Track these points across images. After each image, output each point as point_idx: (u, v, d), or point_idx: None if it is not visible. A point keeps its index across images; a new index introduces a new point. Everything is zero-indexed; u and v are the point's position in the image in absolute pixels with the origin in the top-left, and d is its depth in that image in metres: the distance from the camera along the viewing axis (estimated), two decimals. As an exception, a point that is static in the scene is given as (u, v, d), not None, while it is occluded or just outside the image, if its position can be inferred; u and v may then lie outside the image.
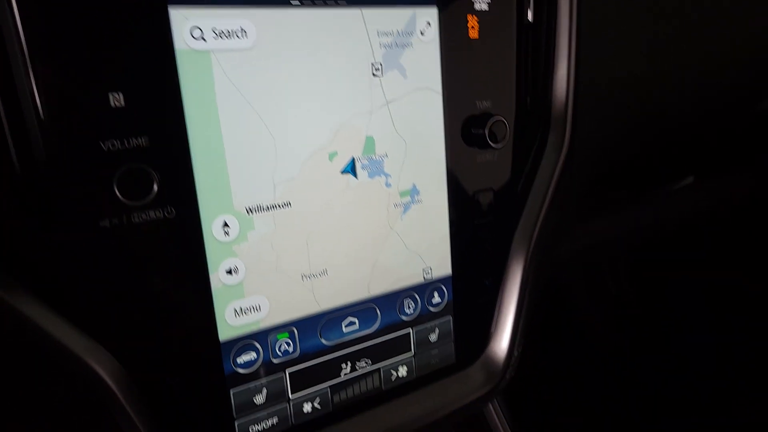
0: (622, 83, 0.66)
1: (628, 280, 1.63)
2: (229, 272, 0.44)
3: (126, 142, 0.38)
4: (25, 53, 0.35)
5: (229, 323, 0.45)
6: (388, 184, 0.51)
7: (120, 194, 0.38)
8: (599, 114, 0.67)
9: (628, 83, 0.66)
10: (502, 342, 0.60)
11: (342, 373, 0.52)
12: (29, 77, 0.35)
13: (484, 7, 0.53)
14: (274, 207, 0.45)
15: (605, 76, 0.64)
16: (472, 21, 0.53)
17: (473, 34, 0.53)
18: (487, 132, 0.54)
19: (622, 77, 0.65)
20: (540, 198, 0.61)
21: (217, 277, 0.44)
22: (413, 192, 0.53)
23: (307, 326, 0.49)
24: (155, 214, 0.40)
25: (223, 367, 0.46)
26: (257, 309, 0.46)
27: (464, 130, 0.54)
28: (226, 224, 0.44)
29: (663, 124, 0.75)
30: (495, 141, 0.54)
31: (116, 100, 0.38)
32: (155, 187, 0.39)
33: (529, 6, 0.57)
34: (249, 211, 0.44)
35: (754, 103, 0.95)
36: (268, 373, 0.48)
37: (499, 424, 0.63)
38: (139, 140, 0.38)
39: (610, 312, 1.56)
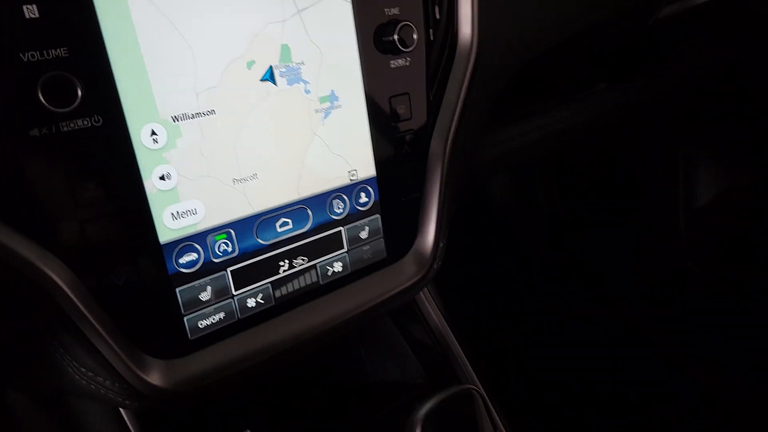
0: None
1: (560, 197, 1.74)
2: (162, 178, 0.47)
3: (45, 52, 0.40)
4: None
5: (168, 226, 0.49)
6: (307, 91, 0.55)
7: (45, 101, 0.40)
8: (506, 22, 0.71)
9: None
10: (428, 236, 0.66)
11: (281, 270, 0.57)
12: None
13: None
14: (198, 115, 0.48)
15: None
16: (374, -71, 0.55)
17: (376, -58, 0.56)
18: (396, 38, 0.58)
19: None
20: (453, 103, 0.66)
21: (151, 183, 0.47)
22: (332, 98, 0.57)
23: (243, 227, 0.53)
24: (83, 123, 0.42)
25: (167, 267, 0.49)
26: (193, 212, 0.50)
27: (376, 37, 0.58)
28: (154, 132, 0.46)
29: (565, 31, 0.80)
30: (405, 46, 0.58)
31: (30, 12, 0.39)
32: (79, 93, 0.41)
33: None
34: (175, 119, 0.47)
35: (651, 13, 1.02)
36: (210, 272, 0.52)
37: (430, 310, 0.70)
38: (58, 51, 0.40)
39: (541, 226, 1.68)
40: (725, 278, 1.41)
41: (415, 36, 0.59)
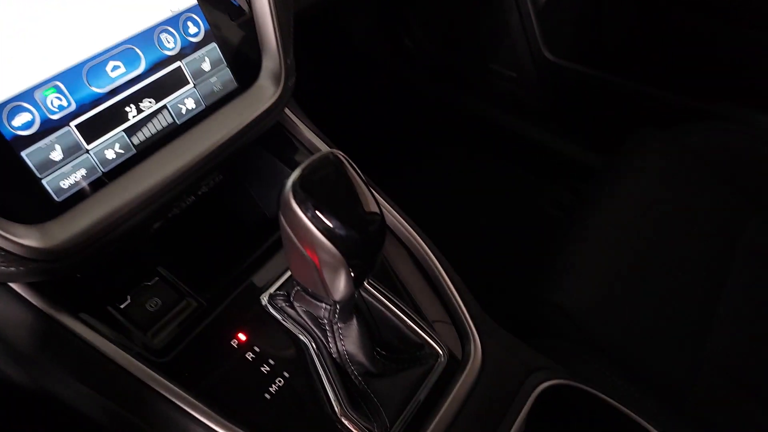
0: None
1: (422, 33, 1.76)
2: (-44, 38, 0.45)
3: None
4: None
5: (-15, 89, 0.46)
6: None
7: None
8: None
9: None
10: (272, 55, 0.66)
11: (130, 116, 0.56)
12: None
13: None
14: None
15: None
16: None
17: None
18: None
19: None
20: None
21: (-55, 45, 0.44)
22: (118, -77, 0.53)
23: (70, 78, 0.51)
24: None
25: (2, 133, 0.48)
26: (6, 72, 0.48)
27: None
28: (-77, -12, 0.43)
29: None
30: None
31: None
32: None
33: None
34: (-58, -31, 0.43)
35: None
36: (53, 130, 0.51)
37: (302, 130, 0.72)
38: None
39: (407, 58, 1.71)
40: (579, 64, 1.51)
41: None
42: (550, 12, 1.51)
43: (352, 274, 0.50)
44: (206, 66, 0.62)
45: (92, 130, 0.53)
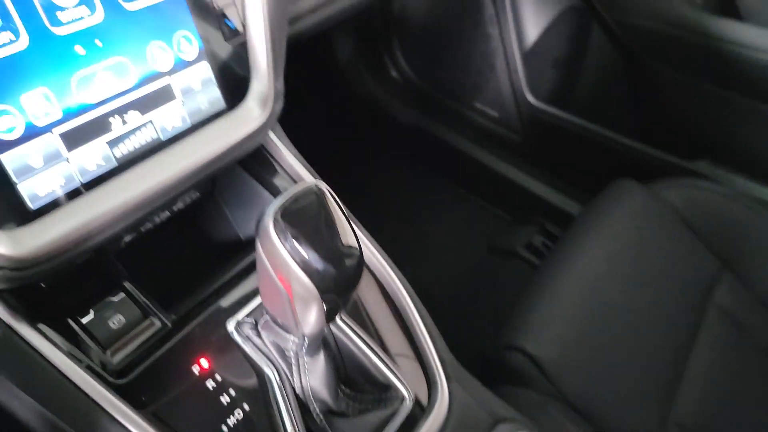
0: None
1: (409, 67, 1.79)
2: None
3: None
4: None
5: (-32, 90, 0.45)
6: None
7: None
8: None
9: None
10: (262, 77, 0.66)
11: (114, 128, 0.55)
12: None
13: None
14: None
15: None
16: None
17: None
18: None
19: None
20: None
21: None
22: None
23: (59, 85, 0.51)
24: None
25: (-18, 136, 0.46)
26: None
27: None
28: None
29: None
30: None
31: None
32: None
33: None
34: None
35: None
36: (35, 136, 0.50)
37: (284, 155, 0.72)
38: None
39: (392, 91, 1.74)
40: (561, 110, 1.55)
41: None
42: (536, 56, 1.55)
43: (325, 309, 0.50)
44: (196, 84, 0.61)
45: (75, 139, 0.52)
